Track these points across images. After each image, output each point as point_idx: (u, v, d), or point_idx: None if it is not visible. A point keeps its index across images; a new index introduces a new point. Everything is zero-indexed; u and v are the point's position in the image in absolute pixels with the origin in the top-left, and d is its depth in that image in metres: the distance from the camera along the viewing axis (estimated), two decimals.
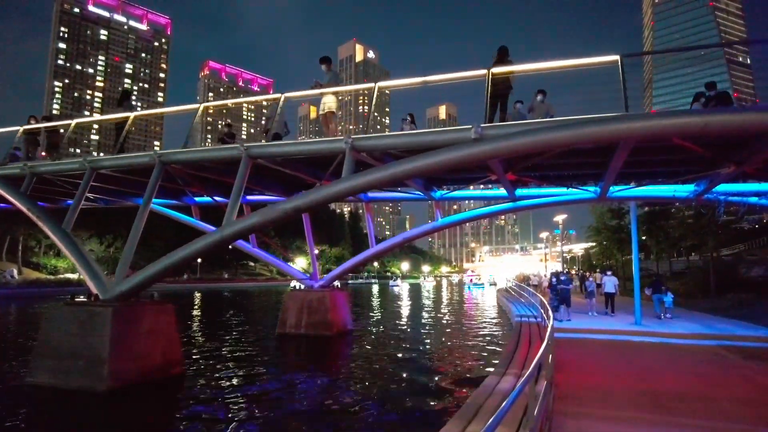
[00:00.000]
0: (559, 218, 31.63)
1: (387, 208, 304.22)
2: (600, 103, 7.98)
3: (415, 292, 63.53)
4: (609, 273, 17.09)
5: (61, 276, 55.79)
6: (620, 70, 7.65)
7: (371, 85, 9.55)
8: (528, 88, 9.99)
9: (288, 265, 17.96)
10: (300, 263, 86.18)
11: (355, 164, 8.77)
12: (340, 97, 10.63)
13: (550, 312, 9.62)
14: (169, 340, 9.53)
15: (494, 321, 22.89)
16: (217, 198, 14.07)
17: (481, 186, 16.84)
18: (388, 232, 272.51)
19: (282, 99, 10.62)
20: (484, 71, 8.61)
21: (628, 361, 9.34)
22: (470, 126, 7.71)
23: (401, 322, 23.18)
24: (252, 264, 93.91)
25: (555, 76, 9.67)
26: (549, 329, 6.39)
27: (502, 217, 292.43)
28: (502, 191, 13.64)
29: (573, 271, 49.72)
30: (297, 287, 21.57)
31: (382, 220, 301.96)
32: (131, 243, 9.82)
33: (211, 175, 12.34)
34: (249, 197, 16.72)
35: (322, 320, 15.92)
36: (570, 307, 15.21)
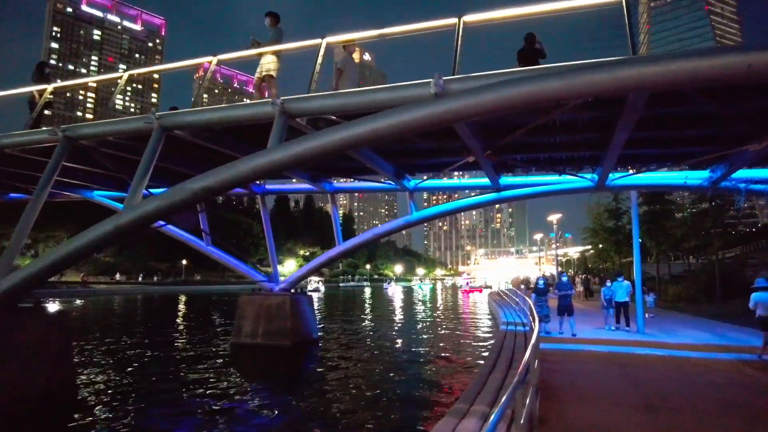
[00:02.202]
0: (554, 218, 29.81)
1: (383, 210, 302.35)
2: None
3: (407, 295, 61.44)
4: (621, 278, 13.39)
5: None
6: (624, 8, 5.90)
7: (318, 41, 7.77)
8: (509, 46, 8.17)
9: (244, 265, 15.94)
10: (290, 266, 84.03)
11: (295, 136, 6.96)
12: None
13: (536, 322, 7.70)
14: (59, 359, 7.55)
15: (484, 328, 20.95)
16: (153, 191, 12.13)
17: (466, 175, 15.03)
18: None
19: (214, 62, 8.82)
20: (453, 20, 6.83)
21: (634, 382, 7.47)
22: (429, 79, 5.88)
23: (379, 330, 21.14)
24: None
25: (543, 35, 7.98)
26: (529, 351, 4.55)
27: (498, 220, 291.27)
28: (484, 180, 11.83)
29: (569, 273, 47.70)
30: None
31: (377, 222, 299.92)
32: (18, 238, 7.88)
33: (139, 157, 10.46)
34: None
35: (282, 328, 13.92)
36: (572, 316, 12.12)
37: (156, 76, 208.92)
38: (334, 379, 10.69)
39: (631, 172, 10.83)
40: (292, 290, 15.24)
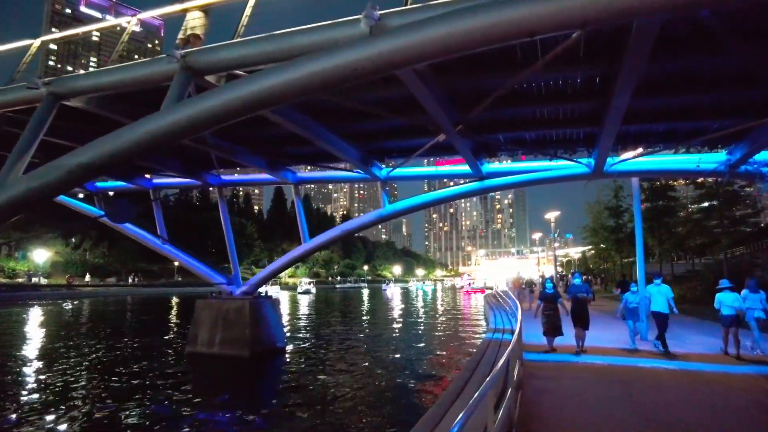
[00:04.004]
0: (551, 215, 28.33)
1: None
2: None
3: (405, 297, 59.73)
4: (659, 279, 9.74)
5: (19, 280, 51.95)
6: None
7: None
8: None
9: (201, 265, 14.35)
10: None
11: None
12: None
13: (519, 331, 6.19)
14: None
15: (482, 333, 19.33)
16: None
17: (452, 164, 13.63)
18: (384, 236, 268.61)
19: (134, 21, 7.44)
20: None
21: (638, 407, 5.99)
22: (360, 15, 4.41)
23: (361, 336, 19.49)
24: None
25: None
26: (487, 384, 3.08)
27: (499, 220, 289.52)
28: (465, 168, 10.36)
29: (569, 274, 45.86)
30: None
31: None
32: None
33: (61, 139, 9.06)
34: (157, 181, 13.44)
35: (240, 336, 12.38)
36: (587, 329, 9.29)
37: None
38: (290, 400, 9.17)
39: (631, 156, 9.32)
40: (256, 293, 13.71)
